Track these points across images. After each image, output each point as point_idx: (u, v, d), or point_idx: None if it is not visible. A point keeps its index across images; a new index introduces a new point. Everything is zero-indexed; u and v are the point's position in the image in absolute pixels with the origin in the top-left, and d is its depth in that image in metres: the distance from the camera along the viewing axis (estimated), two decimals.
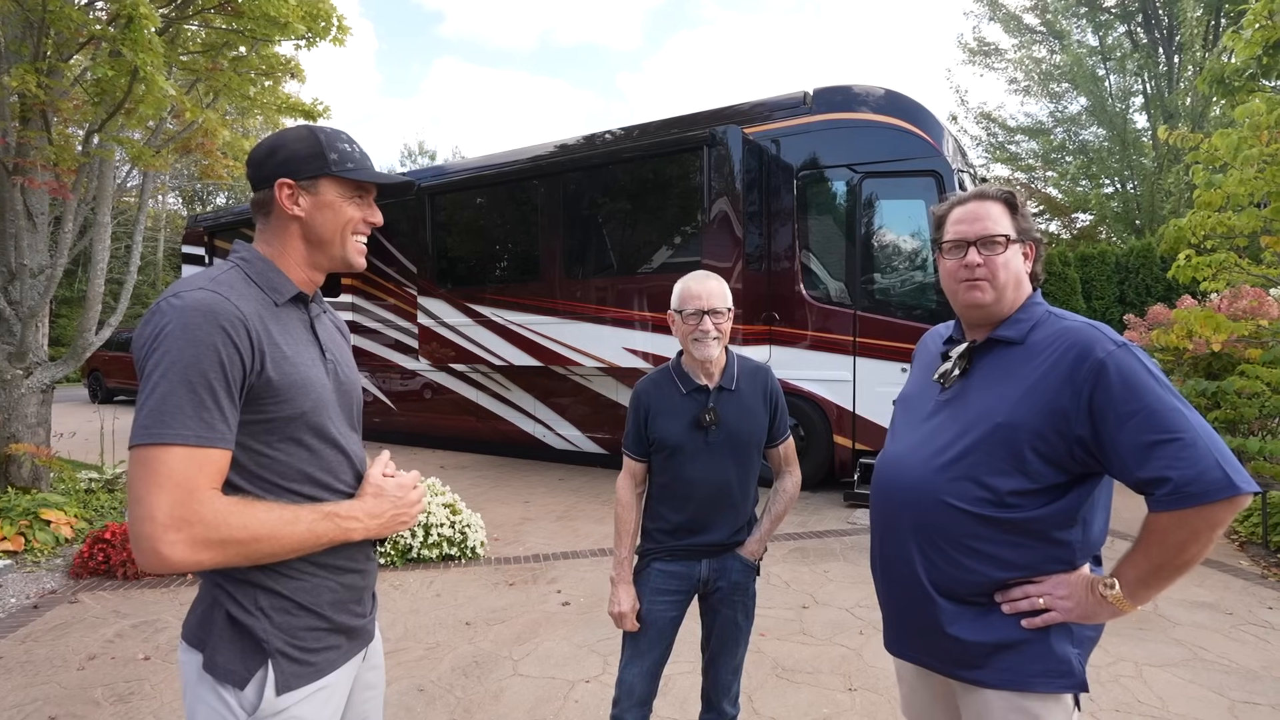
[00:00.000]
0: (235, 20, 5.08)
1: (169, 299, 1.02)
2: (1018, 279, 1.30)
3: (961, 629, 1.23)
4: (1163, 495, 1.08)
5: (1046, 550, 1.20)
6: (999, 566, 1.20)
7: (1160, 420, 1.09)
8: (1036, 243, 1.33)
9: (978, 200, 1.32)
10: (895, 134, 5.91)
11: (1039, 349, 1.23)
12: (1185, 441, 1.07)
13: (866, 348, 5.96)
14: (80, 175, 5.24)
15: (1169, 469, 1.07)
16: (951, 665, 1.25)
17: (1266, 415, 5.68)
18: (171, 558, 0.94)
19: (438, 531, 4.45)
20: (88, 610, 3.70)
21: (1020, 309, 1.31)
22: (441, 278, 7.99)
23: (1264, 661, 3.04)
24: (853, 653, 3.15)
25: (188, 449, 0.96)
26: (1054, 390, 1.17)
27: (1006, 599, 1.21)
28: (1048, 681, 1.20)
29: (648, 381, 1.94)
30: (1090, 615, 1.18)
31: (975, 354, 1.32)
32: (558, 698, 2.79)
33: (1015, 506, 1.19)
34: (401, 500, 1.18)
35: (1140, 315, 7.72)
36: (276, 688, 1.06)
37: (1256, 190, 4.46)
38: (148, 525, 0.94)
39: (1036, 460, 1.17)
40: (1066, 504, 1.19)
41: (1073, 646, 1.22)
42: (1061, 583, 1.19)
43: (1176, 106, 14.04)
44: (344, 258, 1.20)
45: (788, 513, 1.99)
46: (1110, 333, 1.20)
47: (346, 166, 1.16)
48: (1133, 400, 1.11)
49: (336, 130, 1.19)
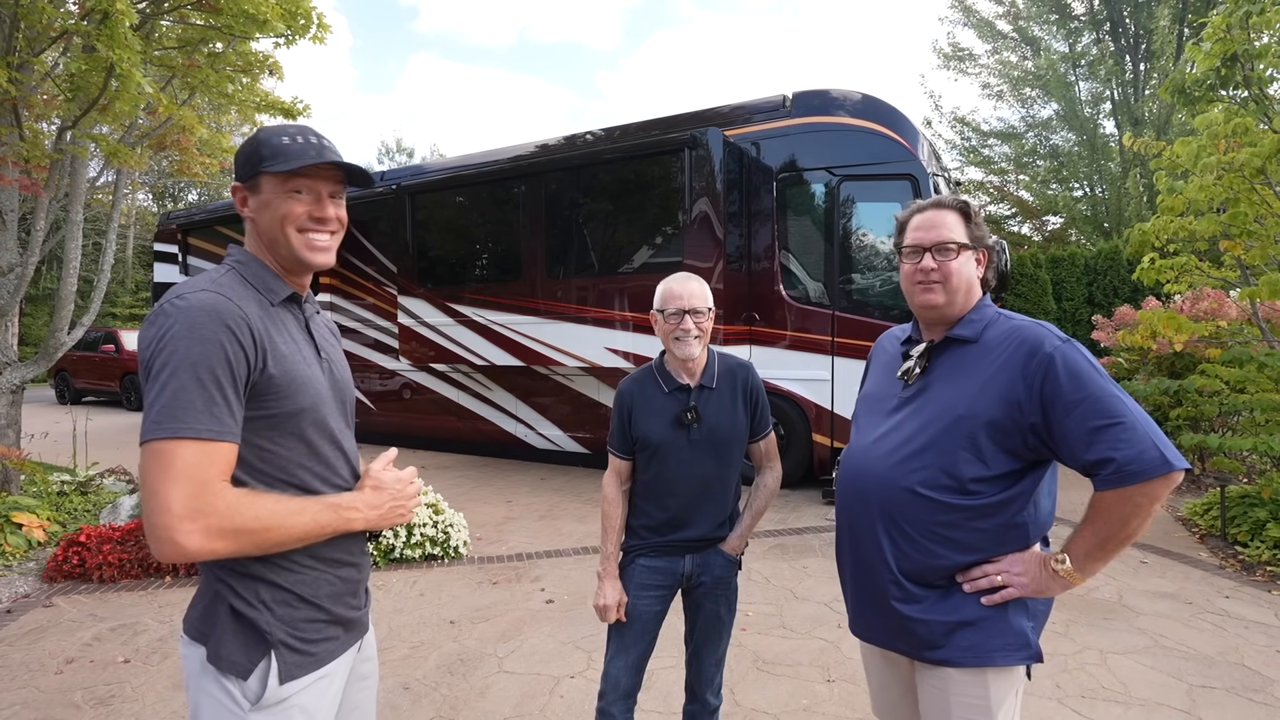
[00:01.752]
0: (213, 17, 5.02)
1: (173, 301, 1.05)
2: (969, 283, 1.40)
3: (926, 611, 1.32)
4: (1107, 475, 1.18)
5: (1005, 532, 1.29)
6: (962, 550, 1.30)
7: (1103, 407, 1.19)
8: (989, 249, 1.43)
9: (935, 209, 1.41)
10: (872, 138, 6.02)
11: (992, 346, 1.33)
12: (1126, 425, 1.18)
13: (844, 347, 6.07)
14: (52, 172, 5.14)
15: (1112, 450, 1.17)
16: (915, 647, 1.33)
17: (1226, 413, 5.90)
18: (188, 547, 0.97)
19: (420, 531, 4.45)
20: (63, 614, 3.65)
21: (973, 310, 1.40)
22: (422, 277, 7.95)
23: (1220, 648, 3.18)
24: (831, 645, 3.23)
25: (200, 443, 0.99)
26: (1008, 383, 1.27)
27: (967, 579, 1.30)
28: (1007, 655, 1.29)
29: (631, 381, 1.98)
30: (1043, 589, 1.28)
31: (934, 352, 1.41)
32: (543, 693, 2.83)
33: (977, 493, 1.28)
34: (400, 494, 1.23)
35: (1108, 316, 7.95)
36: (280, 677, 1.10)
37: (1216, 196, 4.64)
38: (164, 517, 0.97)
39: (994, 448, 1.27)
40: (1021, 489, 1.29)
41: (1028, 620, 1.31)
42: (1017, 560, 1.29)
43: (1143, 113, 14.44)
44: (292, 255, 1.16)
45: (769, 507, 2.04)
46: (1055, 330, 1.31)
47: (276, 160, 1.12)
48: (1078, 390, 1.21)
49: (283, 125, 1.18)
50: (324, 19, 5.45)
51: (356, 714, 1.31)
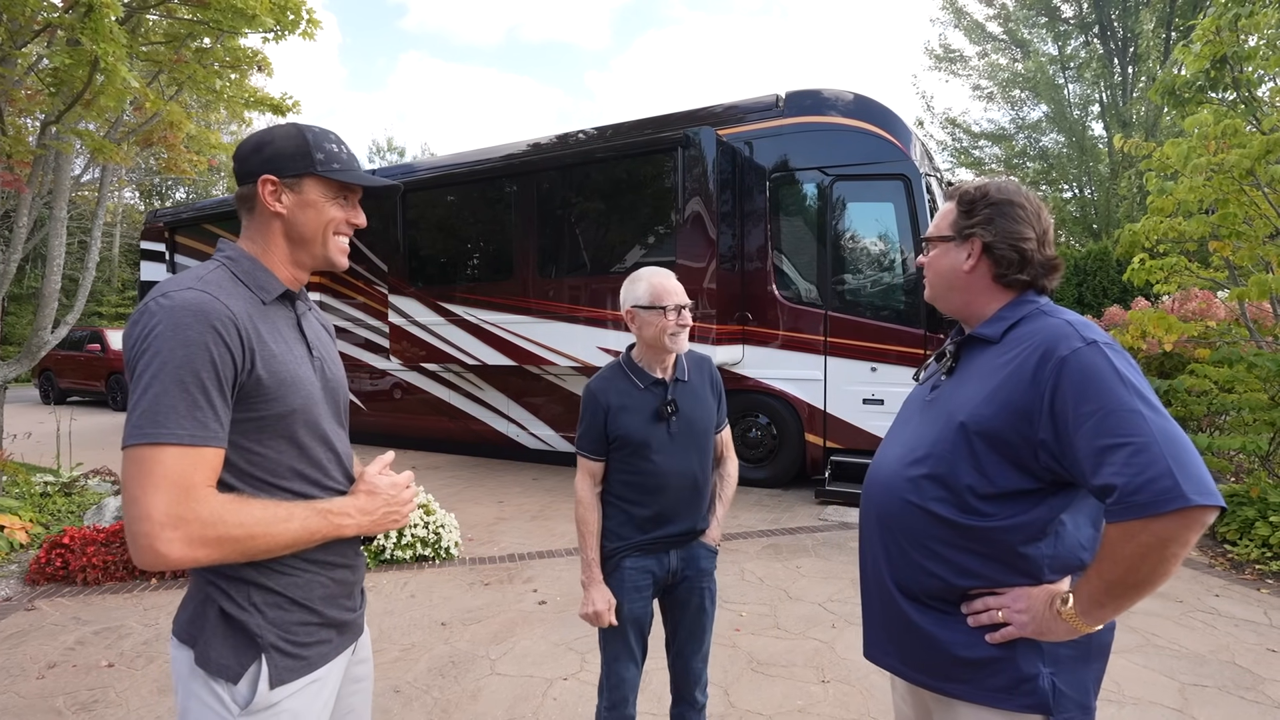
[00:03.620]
0: (201, 11, 4.96)
1: (157, 299, 1.02)
2: (949, 278, 1.28)
3: (925, 633, 1.20)
4: (1111, 504, 1.00)
5: (1008, 562, 1.14)
6: (958, 573, 1.16)
7: (1115, 422, 1.01)
8: (979, 239, 1.24)
9: (945, 199, 1.37)
10: (865, 138, 6.03)
11: (1010, 347, 1.18)
12: (1137, 446, 0.98)
13: (837, 347, 6.08)
14: (35, 168, 5.06)
15: (1116, 475, 0.99)
16: (918, 672, 1.23)
17: (1214, 412, 5.95)
18: (169, 555, 0.95)
19: (411, 532, 4.41)
20: (46, 617, 3.58)
21: (1007, 307, 1.24)
22: (413, 276, 7.89)
23: (1211, 646, 3.20)
24: (825, 646, 3.22)
25: (182, 448, 0.97)
26: (1017, 390, 1.11)
27: (970, 610, 1.16)
28: (1008, 698, 1.13)
29: (601, 380, 1.95)
30: (1046, 632, 1.10)
31: (961, 353, 1.30)
32: (536, 696, 2.80)
33: (980, 513, 1.13)
34: (394, 499, 1.20)
35: (1098, 316, 8.01)
36: (270, 681, 1.07)
37: (1205, 197, 4.67)
38: (144, 524, 0.95)
39: (997, 461, 1.12)
40: (1036, 516, 1.12)
41: (1044, 665, 1.13)
42: (1021, 596, 1.12)
43: (1131, 115, 14.57)
44: (326, 257, 1.21)
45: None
46: (1085, 330, 1.11)
47: (332, 167, 1.17)
48: (1089, 400, 1.03)
49: (326, 130, 1.20)
50: (314, 14, 5.40)
51: (350, 718, 1.28)
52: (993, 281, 1.26)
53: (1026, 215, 1.24)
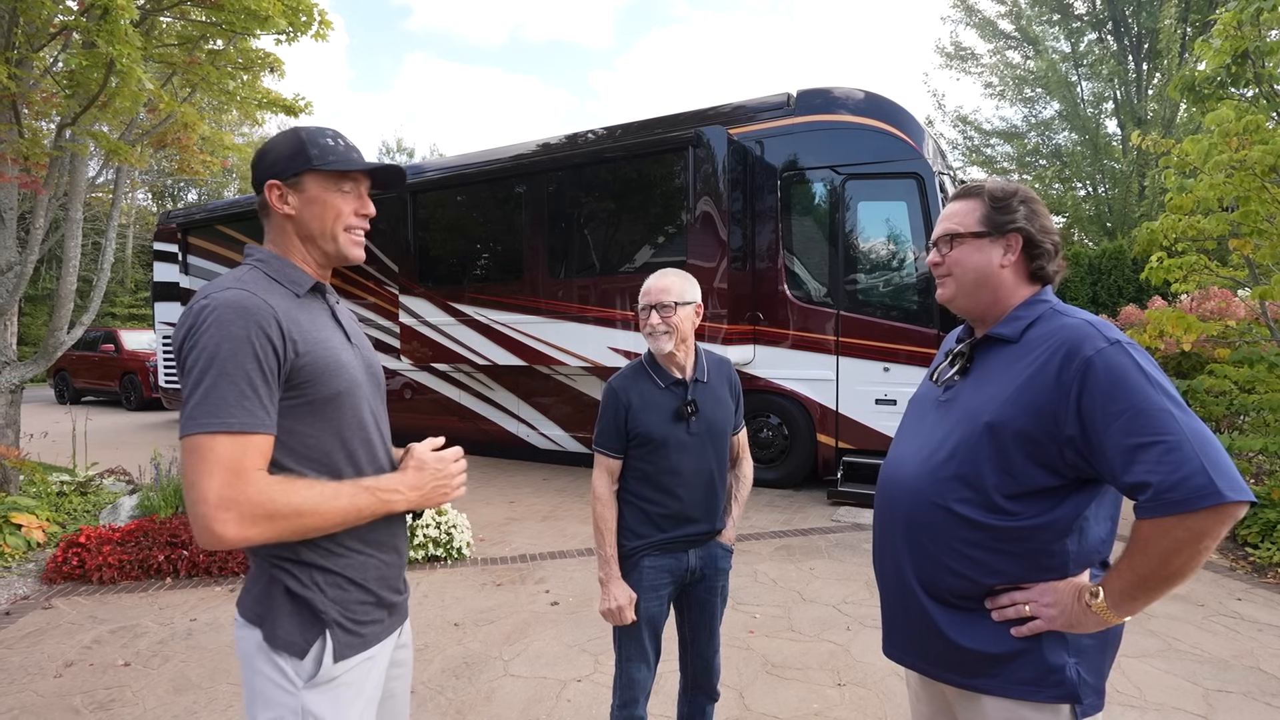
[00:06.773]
0: (214, 13, 4.98)
1: (200, 301, 1.10)
2: (981, 275, 1.26)
3: (950, 632, 1.21)
4: (1144, 501, 1.03)
5: (1036, 560, 1.16)
6: (986, 573, 1.18)
7: (1146, 422, 1.03)
8: (1021, 233, 1.25)
9: (954, 200, 1.34)
10: (877, 136, 5.98)
11: (1032, 347, 1.18)
12: (1169, 445, 1.01)
13: (849, 347, 6.03)
14: (51, 170, 5.10)
15: (1149, 473, 1.02)
16: (943, 669, 1.24)
17: (1234, 413, 5.86)
18: (225, 534, 1.02)
19: (423, 532, 4.41)
20: (63, 616, 3.60)
21: (1021, 305, 1.25)
22: (423, 276, 7.91)
23: (1234, 651, 3.14)
24: (840, 648, 3.19)
25: (232, 436, 1.04)
26: (1042, 390, 1.12)
27: (995, 605, 1.18)
28: (1037, 690, 1.15)
29: (623, 378, 1.96)
30: (1076, 624, 1.13)
31: (976, 352, 1.30)
32: (550, 697, 2.79)
33: (1008, 513, 1.15)
34: (442, 473, 1.26)
35: (1113, 315, 7.92)
36: (334, 655, 1.14)
37: (1225, 194, 4.60)
38: (202, 507, 1.02)
39: (1024, 461, 1.13)
40: (1063, 513, 1.14)
41: (1069, 655, 1.16)
42: (1049, 590, 1.15)
43: (1145, 113, 14.41)
44: (338, 251, 1.24)
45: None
46: (1107, 330, 1.14)
47: (328, 159, 1.20)
48: (1119, 400, 1.06)
49: (321, 127, 1.23)
50: (325, 15, 5.41)
51: (391, 703, 1.33)
52: (1025, 277, 1.27)
53: (1045, 211, 1.30)
